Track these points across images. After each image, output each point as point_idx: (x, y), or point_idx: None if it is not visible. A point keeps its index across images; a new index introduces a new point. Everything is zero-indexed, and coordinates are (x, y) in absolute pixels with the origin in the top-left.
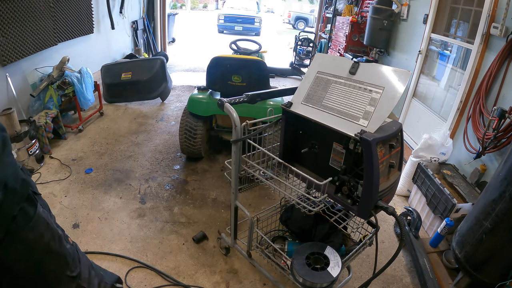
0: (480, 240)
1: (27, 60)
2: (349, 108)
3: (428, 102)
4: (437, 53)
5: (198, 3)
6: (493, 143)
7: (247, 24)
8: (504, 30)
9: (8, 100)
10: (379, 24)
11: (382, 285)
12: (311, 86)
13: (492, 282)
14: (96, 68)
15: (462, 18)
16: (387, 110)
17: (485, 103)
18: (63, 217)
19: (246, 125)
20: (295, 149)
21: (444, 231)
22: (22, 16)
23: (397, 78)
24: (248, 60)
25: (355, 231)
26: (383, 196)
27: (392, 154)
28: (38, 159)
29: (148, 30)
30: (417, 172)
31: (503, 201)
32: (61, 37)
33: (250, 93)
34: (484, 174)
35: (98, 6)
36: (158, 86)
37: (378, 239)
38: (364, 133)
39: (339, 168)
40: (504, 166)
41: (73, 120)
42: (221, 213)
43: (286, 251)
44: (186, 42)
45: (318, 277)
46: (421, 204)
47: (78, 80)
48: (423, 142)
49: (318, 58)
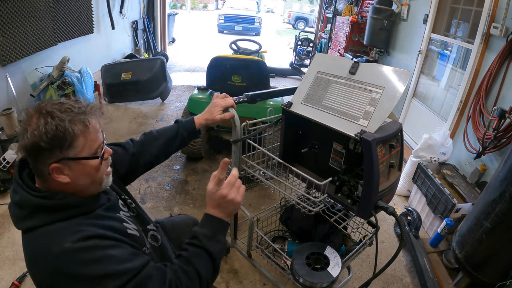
0: (480, 240)
1: (27, 60)
2: (349, 108)
3: (428, 102)
4: (437, 53)
5: (198, 3)
6: (493, 143)
7: (247, 24)
8: (504, 30)
9: (8, 100)
10: (379, 24)
11: (382, 285)
12: (311, 86)
13: (492, 282)
14: (96, 68)
15: (462, 18)
16: (387, 110)
17: (485, 103)
18: None
19: (246, 125)
20: (295, 149)
21: (444, 231)
22: (22, 16)
23: (397, 78)
24: (248, 60)
25: (355, 231)
26: (383, 196)
27: (392, 154)
28: None
29: (148, 30)
30: (417, 172)
31: (503, 201)
32: (61, 37)
33: (250, 93)
34: (484, 174)
35: (98, 6)
36: (158, 86)
37: (378, 239)
38: (364, 133)
39: (339, 168)
40: (504, 166)
41: None
42: None
43: (286, 251)
44: (186, 42)
45: (318, 277)
46: (421, 204)
47: (78, 80)
48: (423, 142)
49: (318, 58)
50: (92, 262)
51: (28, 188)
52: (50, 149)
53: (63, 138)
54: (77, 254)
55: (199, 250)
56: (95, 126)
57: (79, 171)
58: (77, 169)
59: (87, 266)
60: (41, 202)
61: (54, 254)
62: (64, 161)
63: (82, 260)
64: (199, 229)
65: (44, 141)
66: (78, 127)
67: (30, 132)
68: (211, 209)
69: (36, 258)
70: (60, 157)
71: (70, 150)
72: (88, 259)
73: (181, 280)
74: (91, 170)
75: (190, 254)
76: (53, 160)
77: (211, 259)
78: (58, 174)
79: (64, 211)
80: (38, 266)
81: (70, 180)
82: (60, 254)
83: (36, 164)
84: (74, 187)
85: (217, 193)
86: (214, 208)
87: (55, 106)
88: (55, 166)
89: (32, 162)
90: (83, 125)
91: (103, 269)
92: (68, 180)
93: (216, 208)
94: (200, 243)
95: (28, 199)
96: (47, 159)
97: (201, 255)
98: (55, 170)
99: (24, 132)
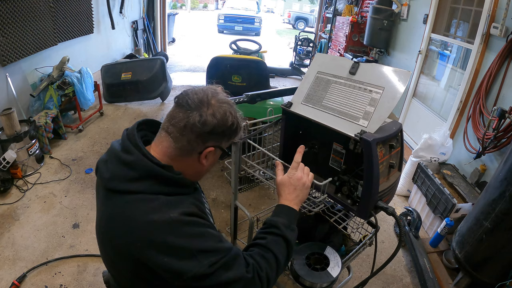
0: (480, 240)
1: (27, 60)
2: (349, 108)
3: (428, 102)
4: (437, 53)
5: (198, 3)
6: (493, 143)
7: (247, 24)
8: (504, 30)
9: (8, 100)
10: (379, 24)
11: (382, 285)
12: (311, 86)
13: (492, 282)
14: (96, 68)
15: (462, 18)
16: (387, 110)
17: (485, 103)
18: (63, 217)
19: (246, 125)
20: (295, 149)
21: (444, 231)
22: (22, 16)
23: (397, 78)
24: (248, 60)
25: (355, 231)
26: (383, 196)
27: (392, 154)
28: (38, 159)
29: (148, 30)
30: (417, 172)
31: (503, 201)
32: (61, 37)
33: (250, 93)
34: (484, 174)
35: (98, 6)
36: (158, 86)
37: (378, 239)
38: (364, 134)
39: (339, 168)
40: (504, 166)
41: (73, 120)
42: (221, 213)
43: None
44: (186, 42)
45: (318, 277)
46: (421, 204)
47: (78, 80)
48: (423, 142)
49: (318, 58)
50: (193, 236)
51: (147, 153)
52: (222, 135)
53: (235, 131)
54: (180, 225)
55: (278, 238)
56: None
57: (213, 160)
58: (214, 157)
59: (187, 238)
60: (158, 171)
61: (156, 222)
62: (218, 148)
63: (183, 232)
64: (276, 219)
65: (226, 126)
66: (241, 126)
67: (212, 114)
68: (287, 195)
69: (132, 223)
70: (220, 144)
71: (228, 142)
72: (189, 232)
73: (260, 264)
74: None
75: (269, 242)
76: (212, 144)
77: (288, 246)
78: (205, 157)
79: (173, 187)
80: (128, 231)
81: (206, 165)
82: (162, 223)
83: (194, 141)
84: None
85: (294, 177)
86: (290, 193)
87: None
88: (211, 150)
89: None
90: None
91: (202, 244)
92: (206, 165)
93: (292, 192)
94: (279, 232)
95: (145, 163)
96: (211, 141)
97: (279, 243)
98: (207, 153)
99: (202, 107)
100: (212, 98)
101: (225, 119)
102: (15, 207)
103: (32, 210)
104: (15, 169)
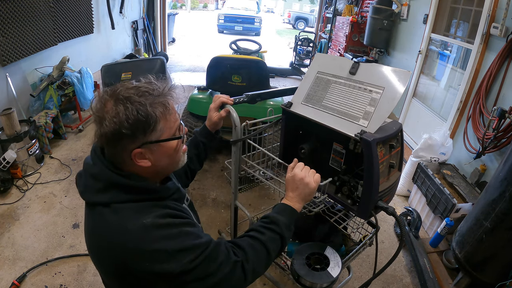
0: (480, 240)
1: (27, 60)
2: (349, 108)
3: (428, 102)
4: (437, 53)
5: (198, 3)
6: (493, 143)
7: (247, 24)
8: (504, 30)
9: (8, 100)
10: (379, 24)
11: (382, 285)
12: (311, 86)
13: (492, 282)
14: (96, 68)
15: (462, 18)
16: (387, 110)
17: (485, 103)
18: (63, 217)
19: (246, 125)
20: (295, 149)
21: (444, 231)
22: (22, 16)
23: (397, 78)
24: (248, 60)
25: (355, 231)
26: (383, 196)
27: (392, 154)
28: (38, 159)
29: (148, 30)
30: (417, 172)
31: (503, 201)
32: (61, 37)
33: (250, 93)
34: (484, 174)
35: (98, 6)
36: None
37: (378, 239)
38: (364, 134)
39: (339, 168)
40: (504, 166)
41: (73, 120)
42: (221, 213)
43: (286, 251)
44: (186, 42)
45: (318, 277)
46: (421, 204)
47: (78, 80)
48: (423, 142)
49: (318, 58)
50: (169, 238)
51: (108, 163)
52: (133, 135)
53: (145, 122)
54: (154, 230)
55: (276, 236)
56: (173, 107)
57: (160, 154)
58: (158, 151)
59: (164, 241)
60: (119, 180)
61: (130, 230)
62: (146, 146)
63: (159, 236)
64: (278, 216)
65: (126, 127)
66: (159, 110)
67: (109, 120)
68: (290, 192)
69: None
70: (143, 142)
71: (152, 134)
72: (164, 234)
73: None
74: (171, 151)
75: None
76: (135, 145)
77: (282, 244)
78: (140, 158)
79: (139, 194)
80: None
81: (151, 164)
82: (136, 230)
83: (116, 151)
84: (153, 170)
85: (296, 176)
86: (293, 191)
87: (131, 91)
88: (138, 151)
89: (111, 149)
90: (164, 107)
91: (179, 244)
92: (149, 163)
93: (294, 190)
94: (279, 230)
95: (107, 174)
96: (129, 145)
97: (276, 241)
98: (137, 155)
99: (101, 120)
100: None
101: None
102: (15, 207)
103: (32, 210)
104: (15, 169)
